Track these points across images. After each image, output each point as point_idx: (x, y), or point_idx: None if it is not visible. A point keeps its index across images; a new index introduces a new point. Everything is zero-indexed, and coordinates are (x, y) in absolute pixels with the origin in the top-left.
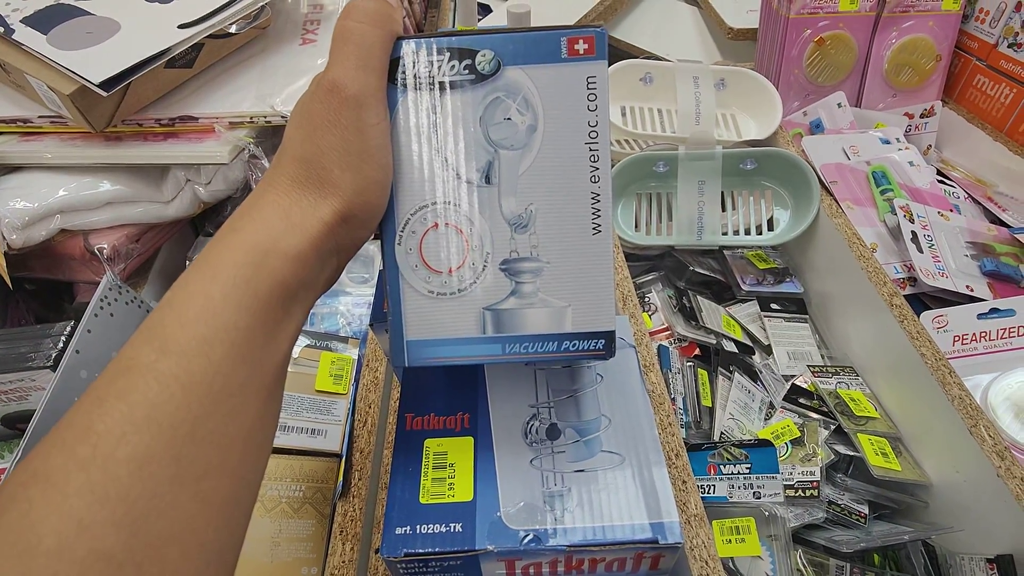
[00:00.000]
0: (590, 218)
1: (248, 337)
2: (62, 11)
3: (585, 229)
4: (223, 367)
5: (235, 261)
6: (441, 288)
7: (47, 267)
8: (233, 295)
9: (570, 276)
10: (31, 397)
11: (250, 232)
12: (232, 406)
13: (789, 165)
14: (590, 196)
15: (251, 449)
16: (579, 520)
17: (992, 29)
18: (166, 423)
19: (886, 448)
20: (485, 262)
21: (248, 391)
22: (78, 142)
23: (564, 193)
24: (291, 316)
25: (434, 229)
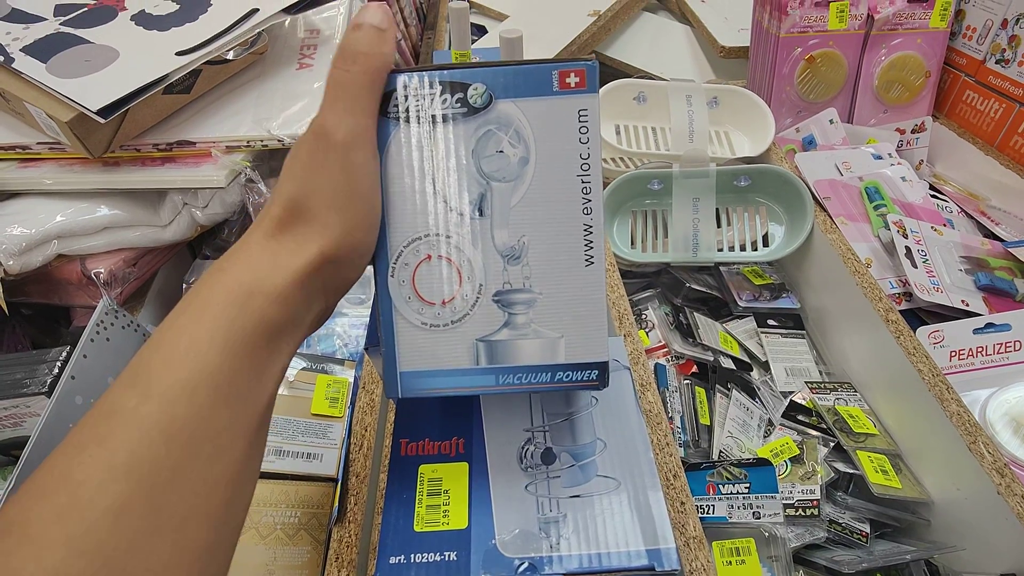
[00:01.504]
0: (583, 250)
1: (232, 379)
2: (62, 40)
3: (578, 260)
4: (206, 411)
5: (220, 301)
6: (434, 320)
7: (44, 292)
8: (218, 337)
9: (563, 307)
10: (26, 423)
11: (236, 272)
12: (214, 450)
13: (783, 181)
14: (583, 228)
15: (234, 492)
16: (575, 547)
17: (979, 46)
18: (146, 471)
19: (886, 465)
20: (478, 294)
21: (232, 434)
22: (76, 168)
23: (556, 225)
24: (277, 356)
25: (427, 261)
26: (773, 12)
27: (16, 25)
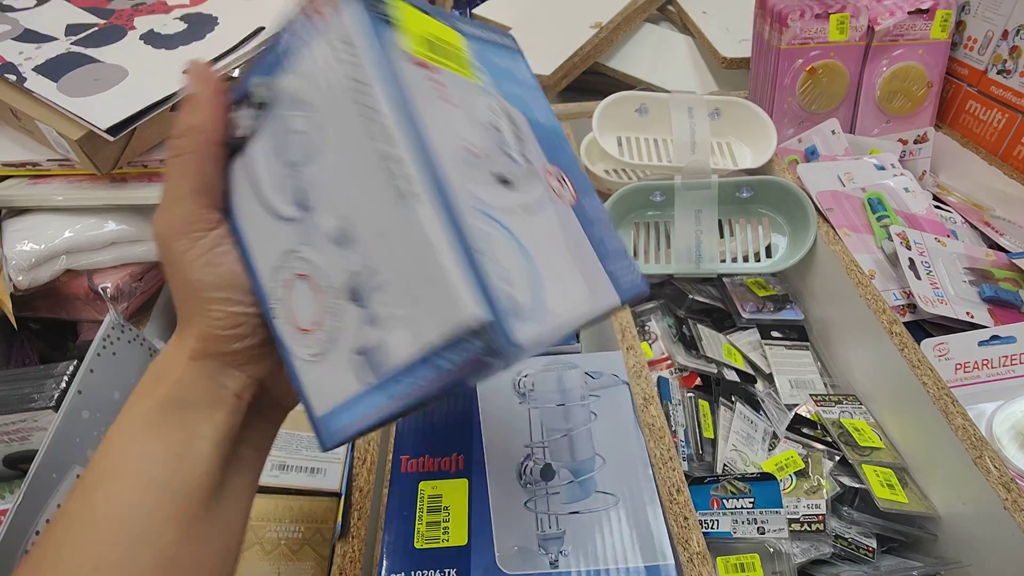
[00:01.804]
0: (389, 185)
1: (143, 463)
2: (72, 59)
3: (388, 202)
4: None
5: (133, 397)
6: (316, 348)
7: (52, 307)
8: (124, 424)
9: (404, 271)
10: (33, 437)
11: (144, 377)
12: (132, 540)
13: (785, 193)
14: (379, 159)
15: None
16: (574, 564)
17: (981, 56)
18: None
19: (892, 479)
20: (335, 299)
21: (156, 520)
22: (85, 184)
23: (359, 175)
24: (194, 433)
25: (287, 287)
26: (774, 24)
27: (28, 45)
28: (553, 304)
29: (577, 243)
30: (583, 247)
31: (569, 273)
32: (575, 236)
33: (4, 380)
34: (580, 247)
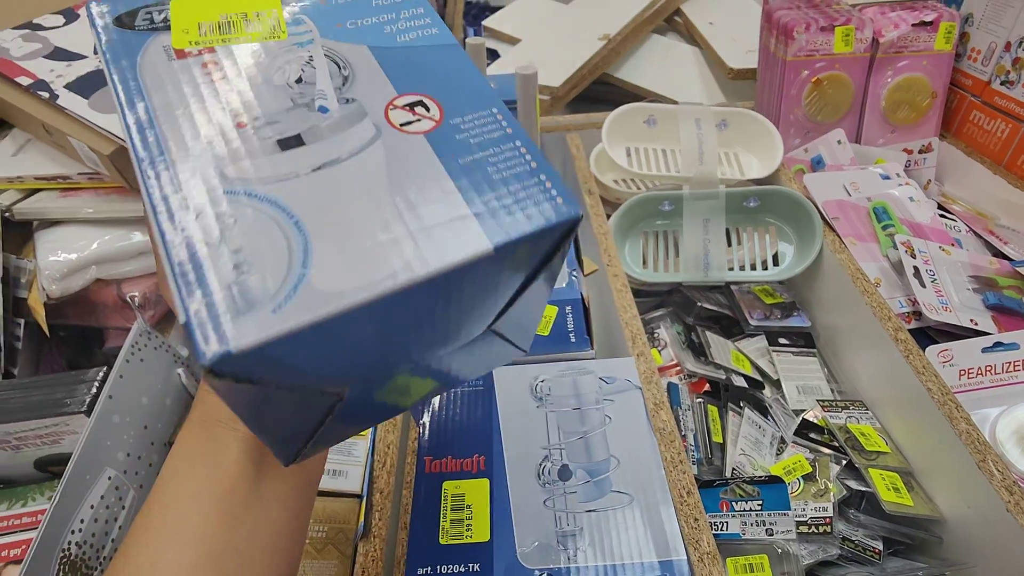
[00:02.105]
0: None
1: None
2: (102, 77)
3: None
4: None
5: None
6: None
7: (81, 315)
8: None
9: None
10: (64, 441)
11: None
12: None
13: (791, 202)
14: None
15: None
16: (591, 559)
17: (984, 67)
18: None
19: (898, 483)
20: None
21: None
22: (114, 197)
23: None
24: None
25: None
26: (779, 36)
27: (59, 63)
28: (324, 280)
29: (415, 182)
30: (429, 184)
31: (377, 228)
32: (412, 174)
33: (37, 385)
34: (421, 185)
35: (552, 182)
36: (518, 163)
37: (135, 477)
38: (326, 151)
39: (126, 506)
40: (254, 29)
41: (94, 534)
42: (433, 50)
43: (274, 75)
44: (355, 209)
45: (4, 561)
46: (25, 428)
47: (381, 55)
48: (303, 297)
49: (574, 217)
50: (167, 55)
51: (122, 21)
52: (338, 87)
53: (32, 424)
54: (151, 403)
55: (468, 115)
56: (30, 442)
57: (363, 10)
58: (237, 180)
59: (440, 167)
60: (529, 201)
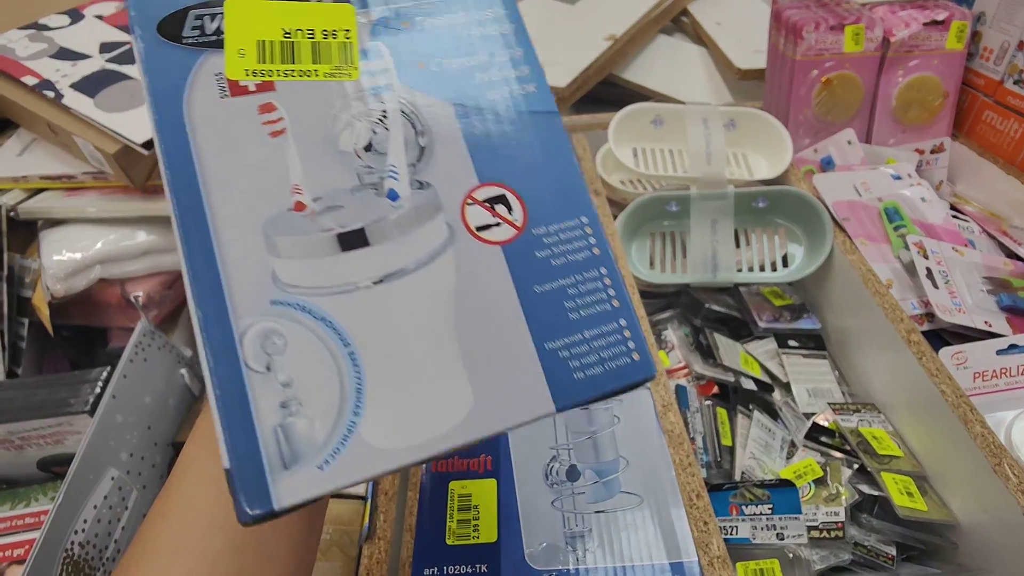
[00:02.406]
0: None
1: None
2: (107, 76)
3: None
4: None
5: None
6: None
7: (85, 314)
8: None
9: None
10: (67, 441)
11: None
12: None
13: (801, 203)
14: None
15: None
16: (600, 560)
17: (997, 67)
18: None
19: (911, 487)
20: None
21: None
22: (118, 196)
23: None
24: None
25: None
26: (788, 36)
27: (65, 62)
28: (374, 434)
29: (484, 316)
30: (498, 320)
31: (436, 375)
32: (482, 301)
33: (41, 385)
34: (489, 321)
35: (631, 329)
36: (599, 299)
37: (138, 478)
38: (391, 257)
39: (129, 506)
40: (322, 60)
41: (97, 534)
42: (527, 119)
43: (340, 135)
44: (414, 346)
45: (7, 561)
46: (28, 428)
47: (466, 119)
48: (352, 453)
49: (648, 378)
50: (219, 88)
51: (166, 29)
52: (412, 163)
53: (35, 424)
54: (154, 403)
55: (554, 224)
56: (33, 442)
57: (453, 43)
58: (290, 286)
59: (513, 295)
60: (604, 355)
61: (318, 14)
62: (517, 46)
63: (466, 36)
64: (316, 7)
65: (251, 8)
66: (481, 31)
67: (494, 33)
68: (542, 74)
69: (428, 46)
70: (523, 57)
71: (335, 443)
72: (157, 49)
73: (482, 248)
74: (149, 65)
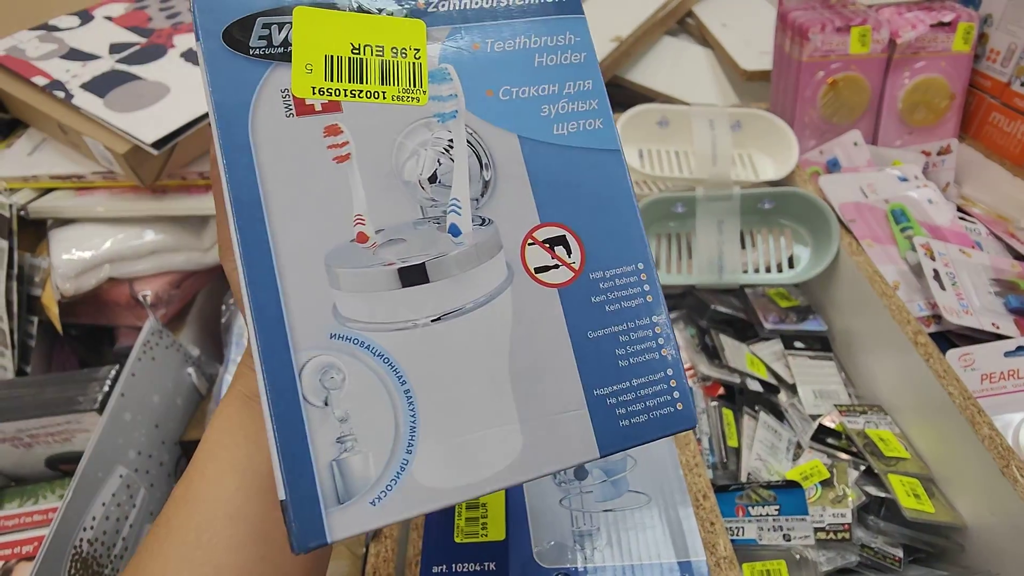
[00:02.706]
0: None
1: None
2: (116, 77)
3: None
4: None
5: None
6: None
7: (93, 313)
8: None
9: None
10: (75, 439)
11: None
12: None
13: (807, 204)
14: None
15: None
16: (608, 559)
17: (1004, 68)
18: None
19: (918, 489)
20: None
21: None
22: (127, 196)
23: None
24: None
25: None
26: (794, 37)
27: (75, 63)
28: (425, 473)
29: (537, 359)
30: (550, 365)
31: (487, 417)
32: (536, 345)
33: (50, 383)
34: (542, 365)
35: (677, 379)
36: (649, 347)
37: (146, 476)
38: (450, 296)
39: (137, 504)
40: (390, 81)
41: (105, 531)
42: (591, 156)
43: (405, 164)
44: (468, 387)
45: (16, 558)
46: (37, 426)
47: (531, 154)
48: (403, 491)
49: (690, 427)
50: (285, 106)
51: (232, 36)
52: (475, 197)
53: (44, 422)
54: (162, 402)
55: (611, 270)
56: (42, 440)
57: (522, 71)
58: (350, 320)
59: (567, 341)
60: (650, 403)
61: (388, 29)
62: (586, 77)
63: (536, 63)
64: (386, 21)
65: (320, 19)
66: (552, 59)
67: (564, 62)
68: (609, 109)
69: (497, 72)
70: (591, 89)
71: (387, 480)
72: (222, 60)
73: (539, 290)
74: (214, 78)
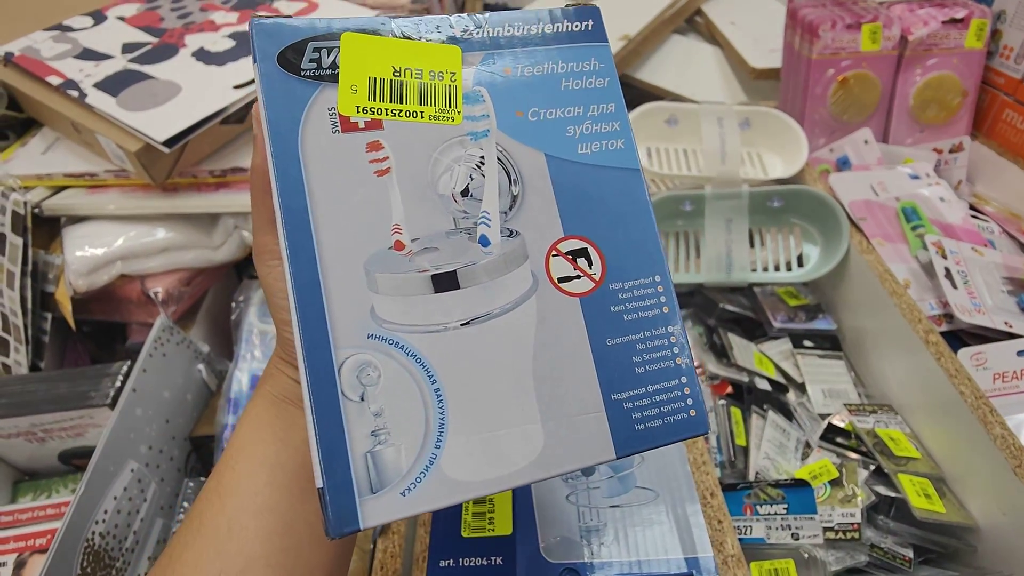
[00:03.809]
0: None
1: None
2: (129, 76)
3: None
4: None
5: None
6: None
7: (105, 310)
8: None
9: None
10: (88, 434)
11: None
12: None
13: (817, 202)
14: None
15: None
16: (615, 555)
17: (1018, 65)
18: None
19: (929, 489)
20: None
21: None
22: (139, 194)
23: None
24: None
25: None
26: (804, 35)
27: (88, 63)
28: (452, 467)
29: (559, 363)
30: (571, 369)
31: (511, 416)
32: (558, 349)
33: (63, 379)
34: (563, 369)
35: (691, 387)
36: (665, 355)
37: (156, 470)
38: (479, 301)
39: (148, 498)
40: (427, 102)
41: (117, 525)
42: (612, 175)
43: (440, 178)
44: (494, 387)
45: (30, 551)
46: (50, 420)
47: (557, 171)
48: (431, 483)
49: (702, 433)
50: (331, 124)
51: (288, 59)
52: (504, 210)
53: (57, 416)
54: (173, 397)
55: (629, 281)
56: (55, 434)
57: (549, 94)
58: (386, 322)
59: (587, 346)
60: (664, 409)
61: (427, 54)
62: (609, 101)
63: (562, 87)
64: (425, 47)
65: (365, 44)
66: (577, 83)
67: (589, 86)
68: (630, 130)
69: (526, 95)
70: (614, 112)
71: (417, 472)
72: (277, 80)
73: (562, 299)
74: (269, 96)
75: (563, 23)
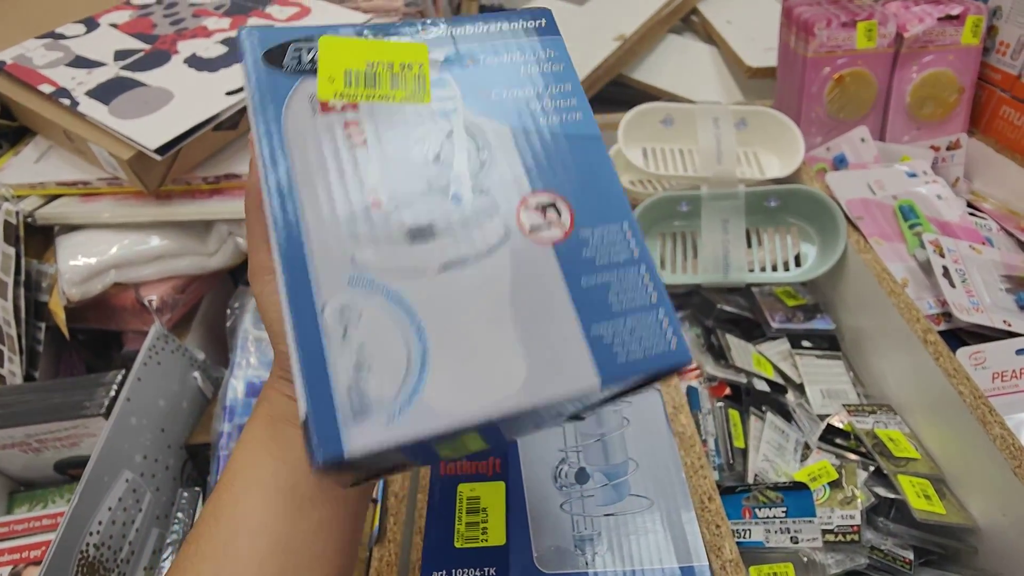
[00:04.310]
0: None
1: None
2: (121, 83)
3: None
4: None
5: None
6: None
7: (100, 318)
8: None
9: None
10: (83, 443)
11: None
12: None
13: (813, 201)
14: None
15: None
16: (610, 564)
17: (1014, 61)
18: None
19: (929, 490)
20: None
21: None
22: (132, 202)
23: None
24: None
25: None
26: (800, 33)
27: (80, 70)
28: (436, 396)
29: (537, 304)
30: (549, 308)
31: (493, 349)
32: (535, 290)
33: (57, 388)
34: (542, 308)
35: (669, 319)
36: (639, 293)
37: (152, 480)
38: (455, 249)
39: (143, 508)
40: (399, 87)
41: (112, 536)
42: (573, 140)
43: (413, 147)
44: (474, 323)
45: (24, 562)
46: (45, 430)
47: (521, 139)
48: (416, 411)
49: (684, 363)
50: (311, 107)
51: (271, 57)
52: (474, 172)
53: (52, 426)
54: (168, 406)
55: (598, 227)
56: (50, 444)
57: (510, 78)
58: (367, 268)
59: (563, 286)
60: (644, 339)
61: (396, 51)
62: (565, 81)
63: (523, 72)
64: (395, 46)
65: (340, 44)
66: (535, 69)
67: (546, 71)
68: (588, 106)
69: (490, 79)
70: (571, 91)
71: (401, 402)
72: (263, 73)
73: (535, 247)
74: (257, 84)
75: (519, 22)
